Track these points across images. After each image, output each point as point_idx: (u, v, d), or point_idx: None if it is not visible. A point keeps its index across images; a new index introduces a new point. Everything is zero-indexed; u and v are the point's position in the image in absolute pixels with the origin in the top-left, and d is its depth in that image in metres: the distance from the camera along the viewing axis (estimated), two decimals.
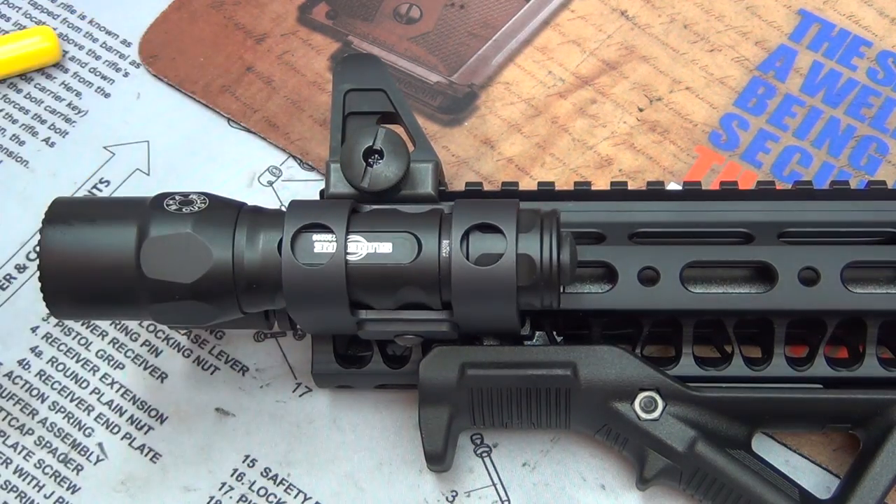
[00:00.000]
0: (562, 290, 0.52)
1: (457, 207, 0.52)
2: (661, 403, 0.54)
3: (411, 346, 0.56)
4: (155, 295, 0.52)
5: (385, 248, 0.51)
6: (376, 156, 0.54)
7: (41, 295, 0.53)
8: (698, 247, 0.55)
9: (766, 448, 0.58)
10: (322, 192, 0.57)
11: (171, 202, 0.53)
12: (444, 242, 0.51)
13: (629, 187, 0.63)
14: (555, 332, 0.57)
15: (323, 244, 0.51)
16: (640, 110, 0.66)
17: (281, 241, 0.52)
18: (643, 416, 0.54)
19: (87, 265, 0.52)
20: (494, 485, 0.59)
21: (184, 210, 0.52)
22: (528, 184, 0.64)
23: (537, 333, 0.56)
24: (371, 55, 0.59)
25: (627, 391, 0.54)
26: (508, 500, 0.59)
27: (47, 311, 0.58)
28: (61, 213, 0.53)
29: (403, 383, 0.57)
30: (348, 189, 0.55)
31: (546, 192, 0.57)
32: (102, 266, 0.52)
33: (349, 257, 0.51)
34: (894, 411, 0.54)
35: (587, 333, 0.57)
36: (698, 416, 0.54)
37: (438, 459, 0.55)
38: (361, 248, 0.51)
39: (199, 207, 0.52)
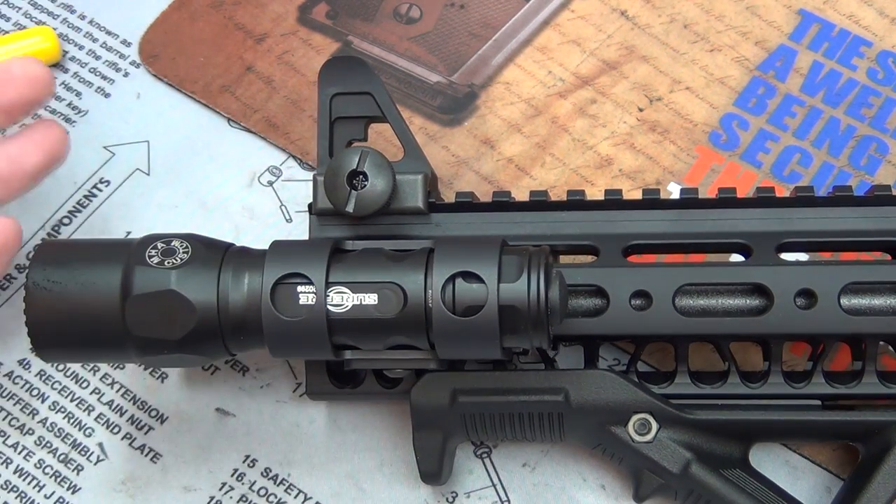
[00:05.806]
0: (551, 330, 0.50)
1: (437, 252, 0.51)
2: (654, 426, 0.53)
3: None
4: (142, 349, 0.52)
5: (370, 299, 0.50)
6: (361, 177, 0.54)
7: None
8: (692, 268, 0.54)
9: (766, 449, 0.58)
10: (311, 206, 0.56)
11: (153, 253, 0.52)
12: (429, 292, 0.50)
13: (626, 191, 0.63)
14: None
15: (303, 295, 0.50)
16: (640, 110, 0.66)
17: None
18: (637, 438, 0.54)
19: (73, 320, 0.52)
20: (494, 485, 0.59)
21: (166, 263, 0.52)
22: (528, 184, 0.64)
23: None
24: (356, 57, 0.57)
25: (620, 415, 0.54)
26: (508, 501, 0.59)
27: None
28: (44, 264, 0.53)
29: (398, 400, 0.57)
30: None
31: (538, 202, 0.56)
32: (88, 320, 0.52)
33: (334, 308, 0.50)
34: (892, 431, 0.53)
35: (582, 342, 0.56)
36: (693, 438, 0.54)
37: (434, 478, 0.56)
38: (346, 299, 0.50)
39: (181, 259, 0.52)
